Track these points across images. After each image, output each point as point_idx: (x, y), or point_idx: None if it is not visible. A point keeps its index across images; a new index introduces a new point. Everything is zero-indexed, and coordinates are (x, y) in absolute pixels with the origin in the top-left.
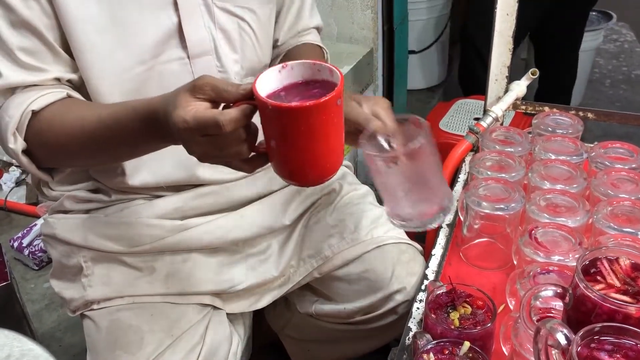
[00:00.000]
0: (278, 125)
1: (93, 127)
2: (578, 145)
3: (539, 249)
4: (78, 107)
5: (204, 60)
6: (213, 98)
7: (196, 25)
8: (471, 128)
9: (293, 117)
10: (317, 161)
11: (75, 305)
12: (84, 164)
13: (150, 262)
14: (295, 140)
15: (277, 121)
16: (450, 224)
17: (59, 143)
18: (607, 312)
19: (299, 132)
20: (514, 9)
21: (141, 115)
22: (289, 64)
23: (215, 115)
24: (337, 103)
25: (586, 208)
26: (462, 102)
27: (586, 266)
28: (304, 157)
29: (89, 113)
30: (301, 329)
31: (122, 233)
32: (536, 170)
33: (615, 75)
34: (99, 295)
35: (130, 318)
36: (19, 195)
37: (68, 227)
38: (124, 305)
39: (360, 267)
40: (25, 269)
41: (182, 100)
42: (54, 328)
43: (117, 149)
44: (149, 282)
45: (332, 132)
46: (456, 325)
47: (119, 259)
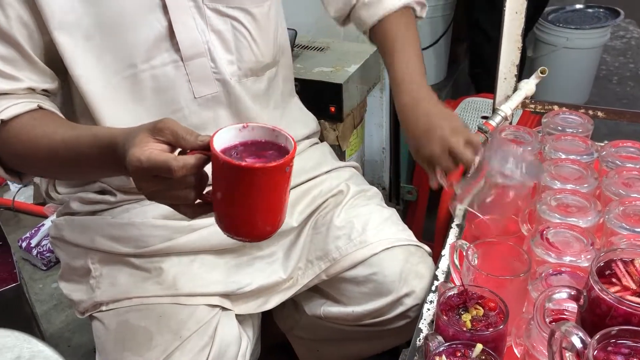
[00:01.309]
0: (226, 179)
1: (56, 147)
2: (588, 144)
3: (550, 249)
4: (46, 123)
5: (198, 62)
6: (171, 142)
7: (187, 27)
8: (480, 127)
9: (241, 175)
10: (254, 219)
11: (84, 307)
12: (50, 176)
13: (158, 264)
14: (238, 197)
15: (226, 176)
16: (460, 223)
17: (25, 155)
18: (623, 314)
19: (243, 189)
20: (523, 7)
21: (101, 143)
22: (249, 124)
23: (169, 159)
24: (286, 170)
25: (597, 208)
26: (469, 100)
27: (601, 268)
28: (243, 213)
29: (54, 131)
30: (310, 329)
31: (129, 234)
32: (546, 170)
33: (622, 72)
34: (107, 297)
35: (139, 319)
36: (26, 195)
37: (75, 229)
38: (132, 307)
39: (369, 270)
40: (34, 269)
41: (141, 140)
42: (62, 328)
43: (78, 170)
44: (157, 283)
45: (275, 195)
46: (468, 327)
47: (126, 260)
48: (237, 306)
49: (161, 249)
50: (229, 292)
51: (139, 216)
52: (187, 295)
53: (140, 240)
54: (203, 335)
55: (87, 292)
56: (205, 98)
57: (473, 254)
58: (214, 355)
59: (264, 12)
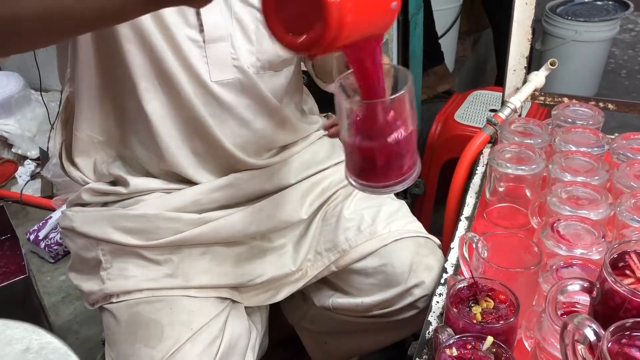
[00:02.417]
0: None
1: None
2: (599, 137)
3: (561, 242)
4: None
5: (219, 47)
6: None
7: (212, 11)
8: (489, 120)
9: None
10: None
11: (94, 298)
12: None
13: (169, 256)
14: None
15: None
16: (470, 216)
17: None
18: (637, 307)
19: None
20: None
21: None
22: None
23: None
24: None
25: (609, 200)
26: (477, 93)
27: (614, 260)
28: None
29: None
30: (318, 321)
31: (140, 226)
32: (557, 162)
33: (631, 66)
34: (118, 289)
35: (150, 312)
36: (34, 188)
37: (86, 220)
38: (143, 299)
39: (378, 261)
40: (42, 261)
41: None
42: (70, 321)
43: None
44: (168, 275)
45: None
46: (478, 320)
47: (137, 252)
48: (247, 299)
49: (172, 241)
50: (240, 284)
51: (151, 208)
52: (198, 287)
53: (151, 233)
54: (213, 328)
55: (97, 284)
56: (220, 82)
57: (483, 247)
58: (224, 347)
59: None
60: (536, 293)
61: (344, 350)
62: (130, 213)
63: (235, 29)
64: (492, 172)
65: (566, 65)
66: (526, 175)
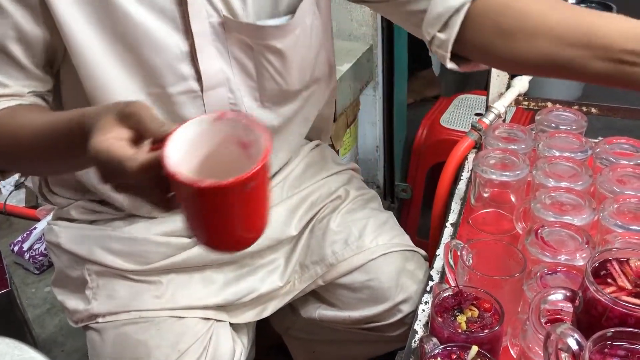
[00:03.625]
0: (178, 193)
1: (31, 136)
2: (582, 142)
3: (545, 248)
4: (23, 114)
5: (216, 93)
6: (137, 129)
7: (209, 56)
8: (474, 125)
9: (192, 192)
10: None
11: (79, 317)
12: (31, 172)
13: (157, 277)
14: (197, 213)
15: (178, 189)
16: (455, 222)
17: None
18: (619, 315)
19: (199, 207)
20: None
21: (71, 122)
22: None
23: (123, 159)
24: (246, 188)
25: (592, 206)
26: (463, 97)
27: (596, 268)
28: (207, 229)
29: (30, 121)
30: (306, 330)
31: (129, 249)
32: (540, 168)
33: None
34: (105, 310)
35: (137, 332)
36: (18, 198)
37: (74, 237)
38: (130, 320)
39: (365, 276)
40: (26, 273)
41: (104, 124)
42: (55, 333)
43: (54, 160)
44: (156, 297)
45: (241, 210)
46: (463, 329)
47: (124, 274)
48: (235, 316)
49: (162, 266)
50: (228, 302)
51: (141, 231)
52: (185, 308)
53: (141, 257)
54: (199, 348)
55: (83, 302)
56: None
57: (467, 254)
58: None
59: (290, 45)
60: (521, 300)
61: (333, 359)
62: (119, 235)
63: (234, 68)
64: (477, 178)
65: None
66: (510, 181)
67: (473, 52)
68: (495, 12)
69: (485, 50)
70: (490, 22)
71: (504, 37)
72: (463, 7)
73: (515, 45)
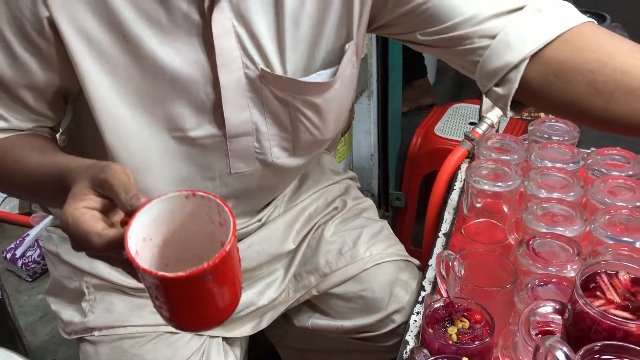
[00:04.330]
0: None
1: (23, 175)
2: (574, 152)
3: (536, 260)
4: (19, 149)
5: (242, 141)
6: (109, 197)
7: (237, 105)
8: (467, 135)
9: (152, 280)
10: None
11: (73, 329)
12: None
13: None
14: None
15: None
16: (447, 232)
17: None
18: (607, 329)
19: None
20: None
21: (59, 176)
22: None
23: (91, 234)
24: (206, 279)
25: (584, 217)
26: (457, 106)
27: (585, 281)
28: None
29: (24, 159)
30: (299, 339)
31: None
32: (533, 179)
33: None
34: (101, 323)
35: (133, 347)
36: (11, 205)
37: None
38: (126, 335)
39: (359, 286)
40: (19, 280)
41: (78, 191)
42: (47, 341)
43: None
44: (153, 312)
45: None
46: (454, 341)
47: (122, 289)
48: (231, 330)
49: None
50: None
51: None
52: None
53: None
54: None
55: (78, 315)
56: (241, 174)
57: (459, 265)
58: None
59: (329, 99)
60: (512, 311)
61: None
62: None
63: (267, 120)
64: (469, 188)
65: None
66: (503, 191)
67: (540, 101)
68: (579, 65)
69: (568, 106)
70: (580, 78)
71: (597, 95)
72: (522, 63)
73: (613, 105)
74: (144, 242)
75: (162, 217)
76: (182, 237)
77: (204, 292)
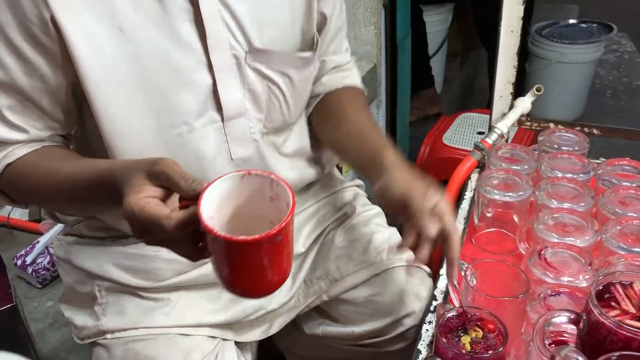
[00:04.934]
0: (212, 246)
1: (59, 185)
2: (585, 163)
3: (548, 269)
4: (49, 159)
5: (238, 123)
6: (167, 187)
7: (229, 86)
8: (477, 145)
9: (226, 246)
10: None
11: (86, 333)
12: (59, 212)
13: (167, 295)
14: (228, 264)
15: (212, 243)
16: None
17: (30, 193)
18: (623, 339)
19: (232, 259)
20: (519, 26)
21: (100, 178)
22: (252, 172)
23: (161, 217)
24: (276, 240)
25: (595, 227)
26: (465, 115)
27: (600, 291)
28: (237, 277)
29: (57, 169)
30: (308, 348)
31: (141, 266)
32: (543, 189)
33: (616, 86)
34: (114, 326)
35: (145, 349)
36: (22, 212)
37: (84, 253)
38: (138, 336)
39: (369, 291)
40: (29, 287)
41: (136, 183)
42: (57, 348)
43: (82, 207)
44: (165, 314)
45: (269, 260)
46: (467, 350)
47: (134, 291)
48: (241, 334)
49: (172, 284)
50: (235, 320)
51: (152, 249)
52: (193, 326)
53: (152, 273)
54: None
55: (91, 319)
56: (240, 159)
57: (471, 274)
58: None
59: (304, 77)
60: (524, 320)
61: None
62: (129, 251)
63: (247, 99)
64: (480, 198)
65: (552, 87)
66: (513, 201)
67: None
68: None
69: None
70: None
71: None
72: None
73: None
74: (210, 220)
75: (222, 196)
76: (237, 214)
77: (274, 254)
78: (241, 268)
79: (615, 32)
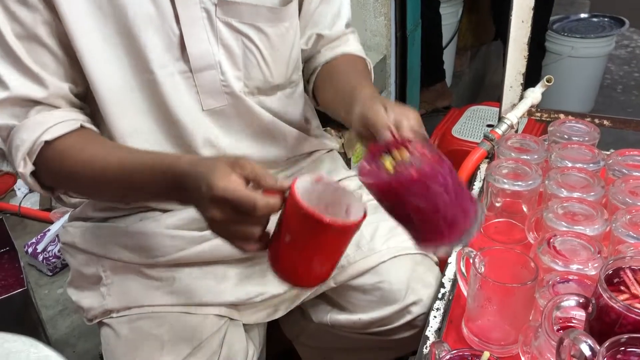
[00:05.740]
0: (301, 228)
1: (112, 170)
2: (595, 153)
3: (557, 257)
4: (96, 144)
5: (208, 75)
6: (249, 178)
7: (198, 39)
8: (486, 135)
9: (319, 228)
10: (313, 268)
11: (93, 314)
12: (91, 197)
13: (170, 273)
14: (310, 246)
15: (302, 225)
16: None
17: (71, 176)
18: (632, 322)
19: (318, 240)
20: (529, 16)
21: (164, 169)
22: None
23: (256, 197)
24: (355, 230)
25: (604, 216)
26: (474, 108)
27: (609, 276)
28: (307, 261)
29: (109, 153)
30: (317, 337)
31: (142, 244)
32: (553, 178)
33: (626, 82)
34: (119, 305)
35: (151, 327)
36: (32, 201)
37: (88, 236)
38: (144, 314)
39: (376, 278)
40: (40, 274)
41: (223, 172)
42: (67, 334)
43: (129, 193)
44: (169, 292)
45: (338, 250)
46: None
47: (138, 269)
48: (246, 316)
49: (174, 259)
50: (240, 302)
51: (153, 226)
52: (197, 305)
53: (153, 250)
54: (212, 344)
55: (97, 299)
56: (213, 110)
57: (480, 262)
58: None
59: (279, 33)
60: (533, 308)
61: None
62: (131, 230)
63: (222, 55)
64: (489, 188)
65: (563, 81)
66: (523, 191)
67: None
68: None
69: None
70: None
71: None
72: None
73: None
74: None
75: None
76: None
77: (345, 242)
78: (313, 252)
79: (627, 27)
